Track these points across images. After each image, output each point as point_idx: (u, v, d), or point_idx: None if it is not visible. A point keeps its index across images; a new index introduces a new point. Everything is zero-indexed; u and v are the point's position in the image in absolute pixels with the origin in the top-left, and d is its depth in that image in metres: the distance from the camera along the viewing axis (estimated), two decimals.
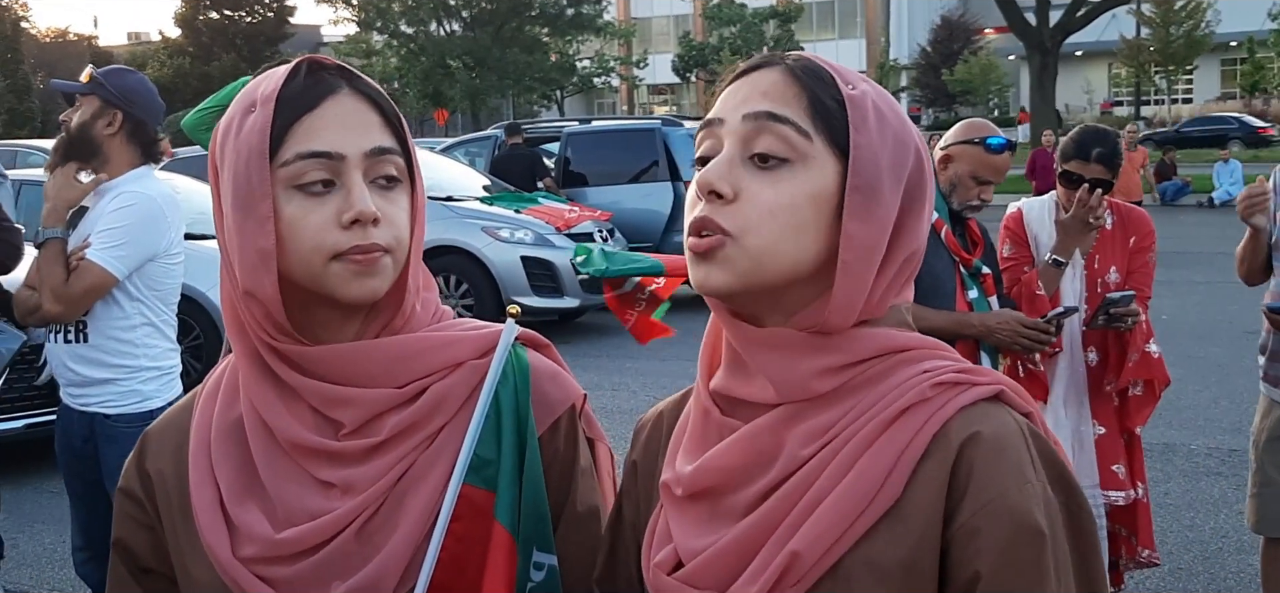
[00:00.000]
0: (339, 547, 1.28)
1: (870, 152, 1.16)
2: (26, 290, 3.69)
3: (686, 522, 1.22)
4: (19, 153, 14.39)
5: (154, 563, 1.43)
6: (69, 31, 62.38)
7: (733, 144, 1.17)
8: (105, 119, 3.60)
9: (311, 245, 1.25)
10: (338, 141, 1.26)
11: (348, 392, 1.30)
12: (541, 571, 1.33)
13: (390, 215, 1.28)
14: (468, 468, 1.30)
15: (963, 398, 1.15)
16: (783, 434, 1.17)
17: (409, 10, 48.95)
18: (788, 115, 1.16)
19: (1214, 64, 55.10)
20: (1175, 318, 10.69)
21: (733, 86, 1.21)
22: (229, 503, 1.32)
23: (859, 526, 1.12)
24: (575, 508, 1.38)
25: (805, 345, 1.17)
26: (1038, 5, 28.79)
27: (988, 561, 1.09)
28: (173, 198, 3.70)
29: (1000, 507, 1.09)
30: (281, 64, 1.33)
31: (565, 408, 1.39)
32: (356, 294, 1.27)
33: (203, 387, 1.43)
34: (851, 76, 1.20)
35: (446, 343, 1.35)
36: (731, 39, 54.36)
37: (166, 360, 3.71)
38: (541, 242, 11.40)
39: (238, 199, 1.25)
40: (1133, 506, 4.02)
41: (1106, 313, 3.85)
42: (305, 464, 1.31)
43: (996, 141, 3.55)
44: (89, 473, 3.67)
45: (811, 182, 1.15)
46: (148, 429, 1.47)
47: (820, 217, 1.16)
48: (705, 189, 1.16)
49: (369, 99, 1.30)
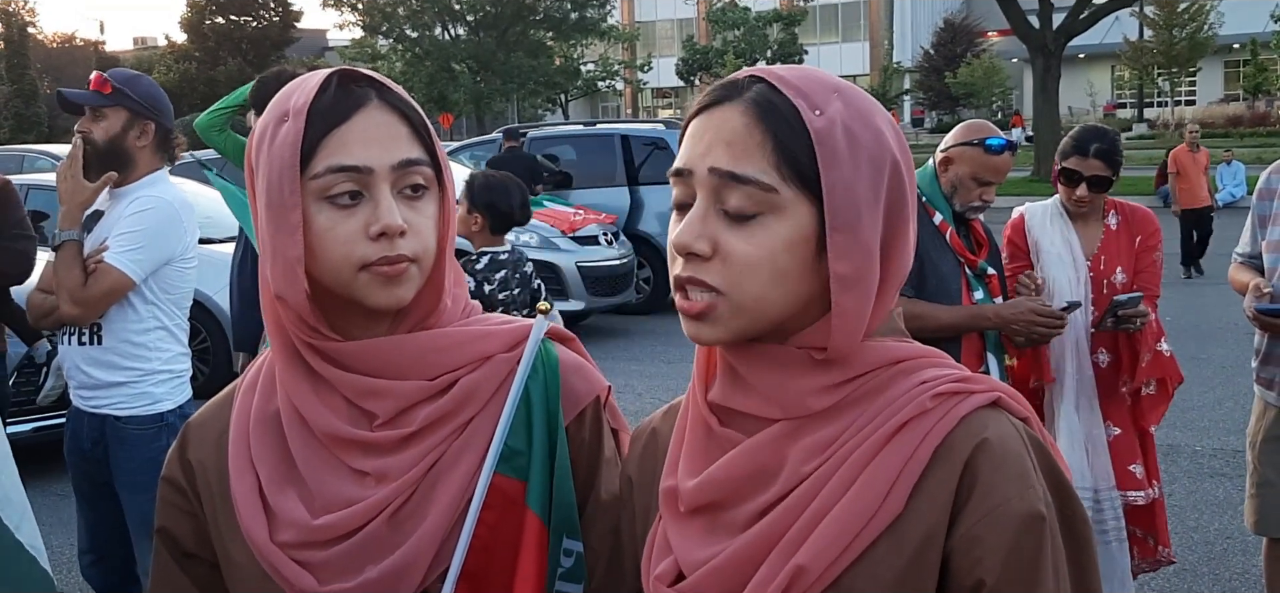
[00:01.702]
0: (372, 532, 1.34)
1: (844, 186, 1.13)
2: (41, 293, 3.70)
3: (687, 534, 1.22)
4: (26, 158, 14.44)
5: (196, 549, 1.48)
6: (75, 37, 62.43)
7: (704, 197, 1.16)
8: (137, 130, 3.62)
9: (341, 256, 1.30)
10: (366, 155, 1.30)
11: (381, 383, 1.35)
12: (571, 558, 1.38)
13: (416, 225, 1.33)
14: (499, 458, 1.35)
15: (963, 407, 1.15)
16: (784, 450, 1.17)
17: (414, 14, 49.00)
18: (751, 175, 1.13)
19: (1217, 66, 55.02)
20: (1179, 319, 10.68)
21: (697, 125, 1.19)
22: (268, 491, 1.38)
23: (863, 539, 1.12)
24: (600, 496, 1.42)
25: (803, 364, 1.18)
26: (1041, 8, 28.71)
27: (991, 568, 1.10)
28: (188, 202, 3.72)
29: (1003, 514, 1.10)
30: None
31: (591, 399, 1.44)
32: (383, 302, 1.32)
33: (242, 380, 1.48)
34: (818, 97, 1.16)
35: (477, 337, 1.40)
36: (735, 42, 54.33)
37: (178, 364, 3.72)
38: (547, 245, 11.41)
39: (271, 208, 1.30)
40: (1150, 505, 4.01)
41: (1114, 315, 3.85)
42: (340, 454, 1.36)
43: (996, 142, 3.56)
44: (98, 476, 3.68)
45: (785, 230, 1.14)
46: (190, 420, 1.53)
47: (801, 260, 1.15)
48: (683, 251, 1.16)
49: (398, 111, 1.34)
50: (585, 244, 11.73)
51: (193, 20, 52.08)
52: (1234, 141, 34.01)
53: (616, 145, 14.11)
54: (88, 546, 3.83)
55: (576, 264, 11.44)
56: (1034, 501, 1.11)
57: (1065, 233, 3.99)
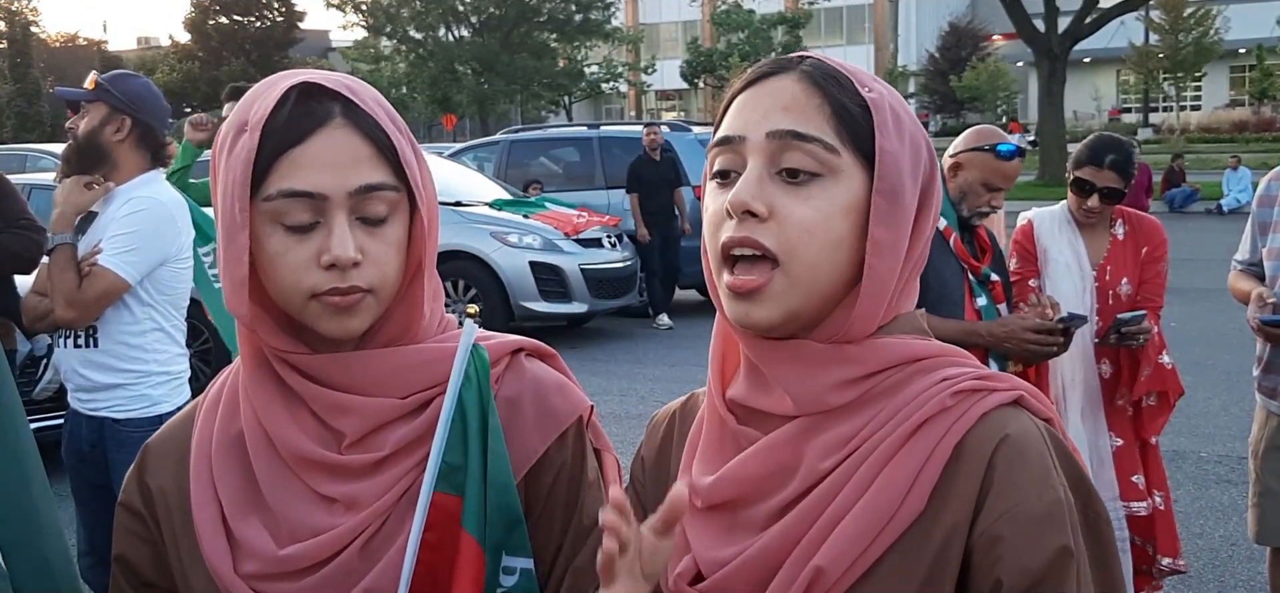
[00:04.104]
0: (343, 564, 1.28)
1: (893, 157, 1.16)
2: (36, 296, 3.69)
3: (705, 533, 1.21)
4: (28, 157, 14.45)
5: (154, 577, 1.42)
6: (78, 37, 62.69)
7: (759, 160, 1.15)
8: (113, 125, 3.61)
9: (290, 283, 1.25)
10: (321, 181, 1.23)
11: (350, 399, 1.30)
12: (513, 575, 1.31)
13: (374, 254, 1.26)
14: (438, 475, 1.28)
15: (983, 405, 1.14)
16: (802, 446, 1.16)
17: (418, 16, 49.04)
18: (814, 133, 1.14)
19: (1223, 71, 54.95)
20: (1184, 325, 10.65)
21: (748, 97, 1.19)
22: (231, 518, 1.32)
23: (883, 539, 1.11)
24: (582, 521, 1.36)
25: (824, 358, 1.17)
26: (1046, 12, 28.70)
27: (1011, 567, 1.08)
28: (182, 202, 3.71)
29: (1022, 513, 1.09)
30: (290, 71, 1.32)
31: (572, 420, 1.37)
32: (334, 332, 1.28)
33: (203, 399, 1.43)
34: (866, 78, 1.19)
35: (450, 355, 1.33)
36: (740, 45, 54.35)
37: (176, 365, 3.71)
38: (550, 247, 11.41)
39: (223, 224, 1.26)
40: (1152, 515, 3.98)
41: (1118, 332, 3.83)
42: (307, 478, 1.31)
43: (1007, 148, 3.54)
44: (96, 478, 3.67)
45: (842, 193, 1.15)
46: (148, 443, 1.47)
47: (852, 227, 1.15)
48: (739, 208, 1.13)
49: (362, 131, 1.26)
50: (588, 246, 11.72)
51: (196, 20, 52.17)
52: (1239, 147, 33.99)
53: (595, 148, 14.09)
54: (87, 547, 3.81)
55: (579, 267, 11.42)
56: (1053, 501, 1.10)
57: (1073, 242, 3.97)
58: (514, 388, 1.37)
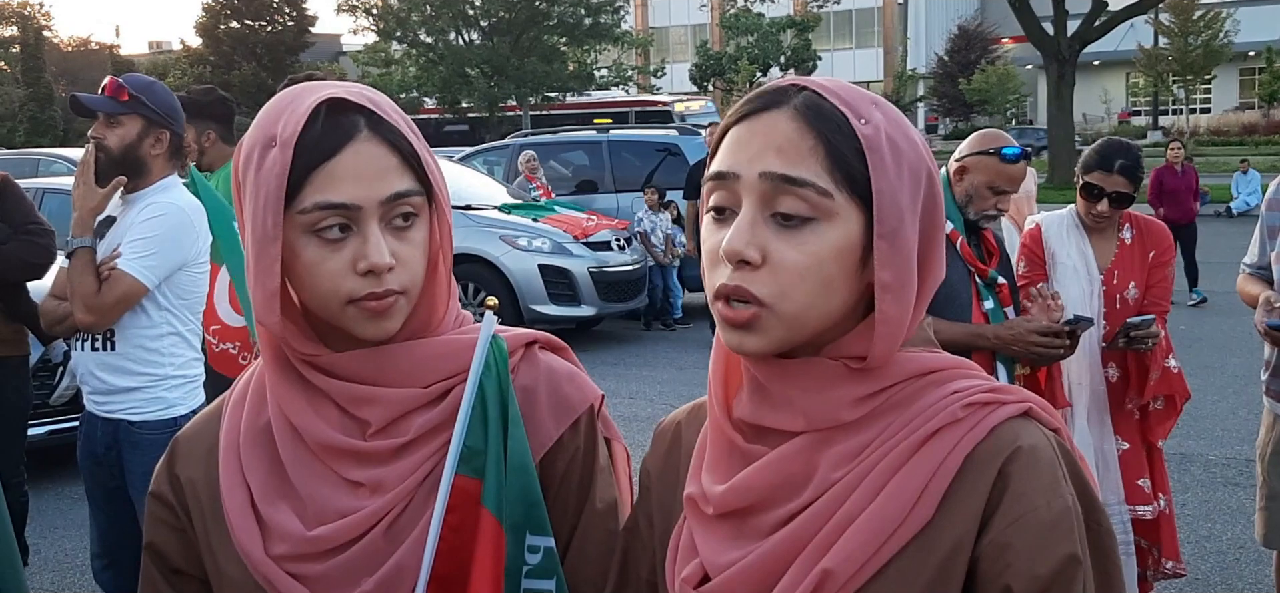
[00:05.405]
0: (369, 544, 1.33)
1: (891, 195, 1.14)
2: (54, 300, 3.71)
3: (713, 537, 1.22)
4: (41, 161, 14.50)
5: (185, 565, 1.47)
6: (91, 40, 62.71)
7: (752, 203, 1.15)
8: (151, 138, 3.62)
9: (328, 290, 1.31)
10: (354, 192, 1.29)
11: (373, 391, 1.35)
12: (537, 553, 1.36)
13: (404, 257, 1.32)
14: (459, 459, 1.34)
15: (994, 417, 1.15)
16: (814, 459, 1.17)
17: (428, 20, 49.03)
18: (806, 177, 1.13)
19: (1232, 73, 54.81)
20: (1192, 328, 10.65)
21: (742, 130, 1.18)
22: (260, 504, 1.37)
23: (891, 545, 1.12)
24: (595, 504, 1.42)
25: (836, 376, 1.17)
26: (1055, 15, 28.67)
27: (1019, 574, 1.09)
28: (200, 207, 3.73)
29: (1032, 521, 1.10)
30: (304, 81, 1.35)
31: (584, 409, 1.43)
32: (371, 335, 1.33)
33: (230, 394, 1.47)
34: (862, 106, 1.17)
35: (468, 346, 1.39)
36: (749, 48, 54.26)
37: (191, 369, 3.74)
38: (559, 250, 11.43)
39: (254, 237, 1.30)
40: (1157, 518, 4.00)
41: (1127, 336, 3.83)
42: (333, 465, 1.36)
43: (1012, 151, 3.55)
44: (111, 481, 3.69)
45: (836, 237, 1.14)
46: (177, 436, 1.51)
47: (846, 268, 1.15)
48: (734, 257, 1.14)
49: (387, 142, 1.31)
50: (597, 250, 11.74)
51: (208, 25, 52.18)
52: (1249, 149, 33.89)
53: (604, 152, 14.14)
54: (100, 549, 3.84)
55: (588, 270, 11.45)
56: (1062, 510, 1.11)
57: (1081, 246, 3.98)
58: (529, 377, 1.43)
